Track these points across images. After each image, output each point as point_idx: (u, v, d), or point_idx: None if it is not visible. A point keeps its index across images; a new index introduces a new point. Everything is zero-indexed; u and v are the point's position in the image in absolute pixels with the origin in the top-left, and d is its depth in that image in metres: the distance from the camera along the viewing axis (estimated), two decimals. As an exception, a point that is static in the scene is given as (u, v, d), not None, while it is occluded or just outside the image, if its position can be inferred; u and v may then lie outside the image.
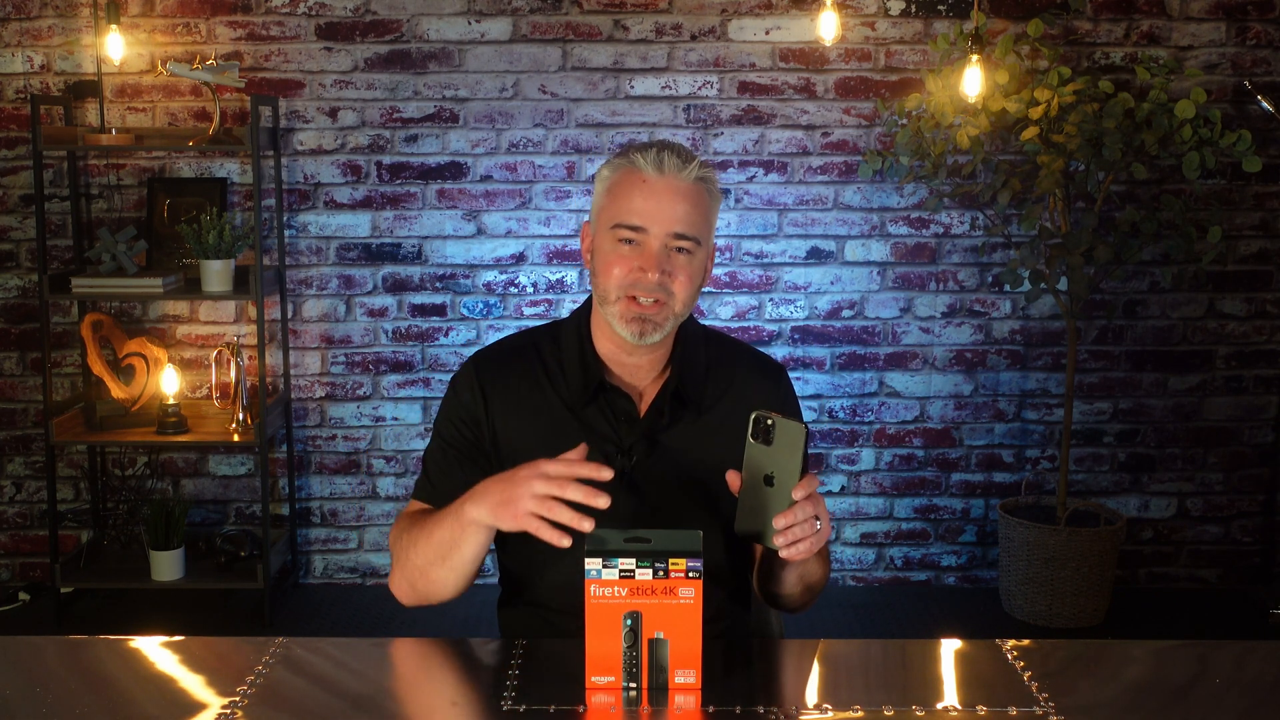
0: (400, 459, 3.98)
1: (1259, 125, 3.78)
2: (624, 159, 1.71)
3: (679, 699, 1.43)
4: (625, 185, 1.69)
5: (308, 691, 1.50)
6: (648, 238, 1.67)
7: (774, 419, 1.48)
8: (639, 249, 1.67)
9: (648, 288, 1.66)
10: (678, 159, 1.67)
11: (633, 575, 1.42)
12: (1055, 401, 3.95)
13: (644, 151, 1.68)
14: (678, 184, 1.67)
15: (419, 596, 1.71)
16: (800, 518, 1.48)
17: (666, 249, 1.67)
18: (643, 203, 1.66)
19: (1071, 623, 3.67)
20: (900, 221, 3.87)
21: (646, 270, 1.66)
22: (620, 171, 1.70)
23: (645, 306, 1.67)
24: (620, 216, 1.68)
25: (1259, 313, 3.92)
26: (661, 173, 1.67)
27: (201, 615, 3.75)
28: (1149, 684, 1.54)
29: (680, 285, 1.68)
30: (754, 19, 3.77)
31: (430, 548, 1.64)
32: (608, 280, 1.69)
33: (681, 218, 1.67)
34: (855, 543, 4.03)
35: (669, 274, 1.67)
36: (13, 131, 3.81)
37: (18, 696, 1.45)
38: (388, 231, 3.87)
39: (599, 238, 1.72)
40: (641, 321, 1.67)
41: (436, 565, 1.64)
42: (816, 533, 1.50)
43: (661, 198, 1.66)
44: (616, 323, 1.69)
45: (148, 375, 3.75)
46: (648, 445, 1.73)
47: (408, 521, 1.73)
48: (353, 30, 3.76)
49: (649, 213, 1.66)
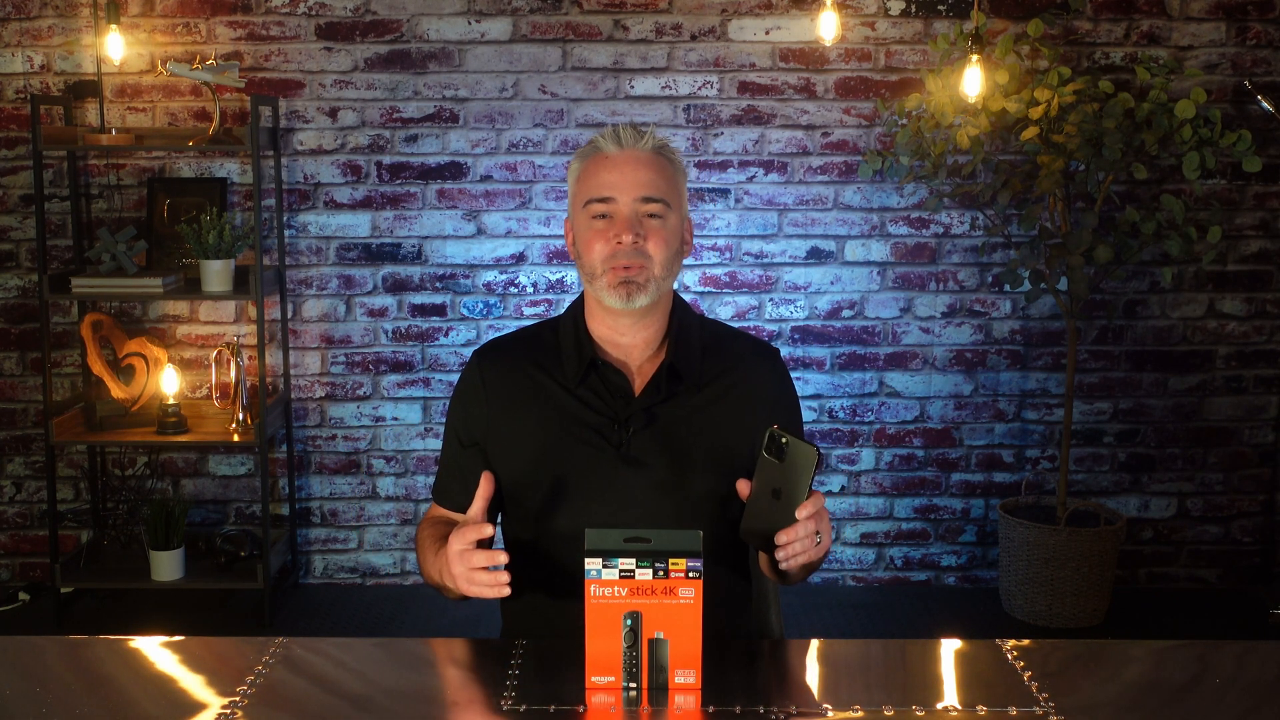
0: (400, 459, 3.98)
1: (1259, 125, 3.78)
2: (587, 148, 1.82)
3: (679, 699, 1.43)
4: (591, 167, 1.79)
5: (308, 691, 1.50)
6: (617, 206, 1.76)
7: (788, 438, 1.53)
8: (612, 221, 1.76)
9: (626, 254, 1.74)
10: (634, 132, 1.78)
11: (633, 575, 1.42)
12: (1055, 401, 3.95)
13: (602, 133, 1.80)
14: (638, 154, 1.77)
15: None
16: (801, 534, 1.54)
17: (637, 215, 1.75)
18: (608, 175, 1.77)
19: (1071, 623, 3.67)
20: (900, 221, 3.87)
21: (621, 234, 1.74)
22: (585, 159, 1.81)
23: (627, 269, 1.74)
24: (590, 192, 1.77)
25: (1259, 313, 3.92)
26: (621, 146, 1.78)
27: (201, 615, 3.75)
28: (1149, 684, 1.54)
29: (655, 247, 1.75)
30: (754, 19, 3.77)
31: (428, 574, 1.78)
32: (591, 258, 1.77)
33: (645, 182, 1.76)
34: (855, 543, 4.03)
35: (642, 236, 1.75)
36: (13, 131, 3.81)
37: (18, 696, 1.45)
38: (388, 231, 3.87)
39: (577, 223, 1.81)
40: (627, 285, 1.74)
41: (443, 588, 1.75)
42: (817, 545, 1.57)
43: (624, 168, 1.76)
44: (606, 294, 1.76)
45: (148, 375, 3.75)
46: (644, 419, 1.77)
47: (422, 535, 1.84)
48: (353, 30, 3.76)
49: (614, 183, 1.76)
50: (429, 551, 1.77)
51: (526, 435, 1.79)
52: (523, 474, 1.79)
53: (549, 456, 1.75)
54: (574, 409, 1.78)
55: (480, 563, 1.59)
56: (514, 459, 1.80)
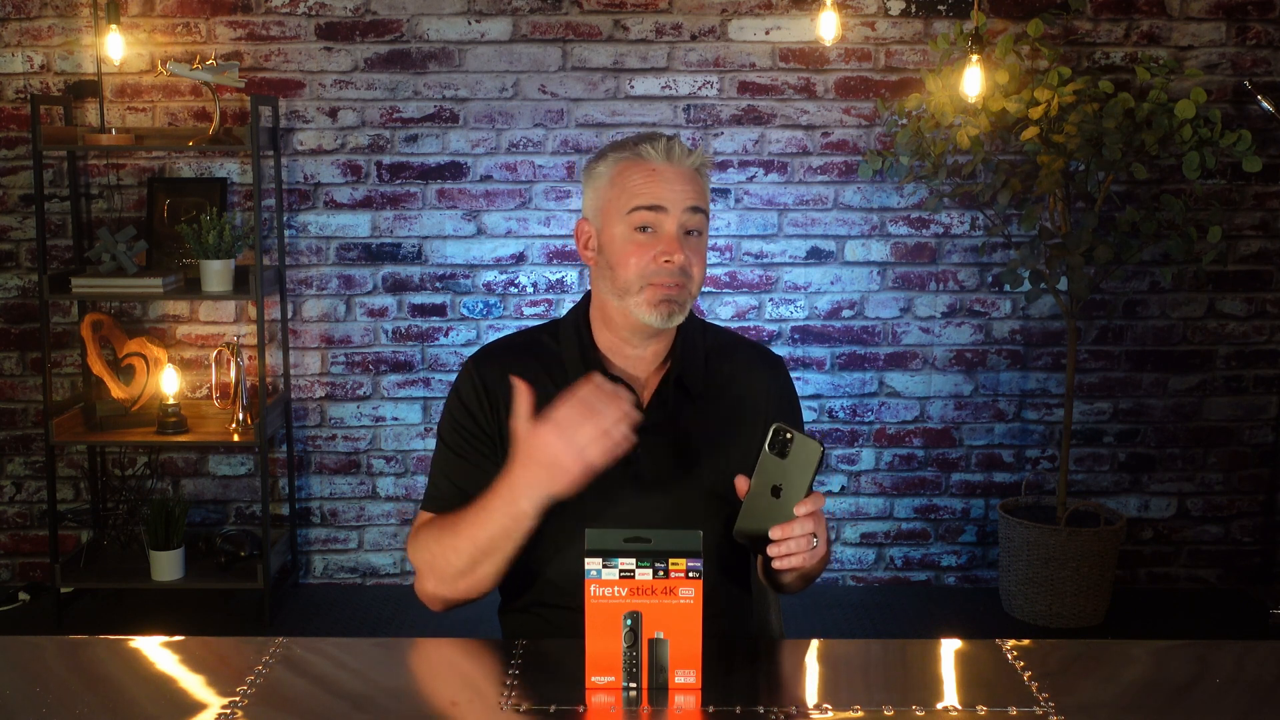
0: (400, 459, 3.98)
1: (1259, 125, 3.78)
2: (625, 151, 1.73)
3: (679, 699, 1.43)
4: (634, 174, 1.71)
5: (308, 691, 1.50)
6: (665, 218, 1.70)
7: (793, 434, 1.51)
8: (655, 236, 1.70)
9: (671, 273, 1.69)
10: (683, 146, 1.73)
11: (633, 575, 1.42)
12: (1055, 401, 3.95)
13: (651, 142, 1.72)
14: (684, 170, 1.72)
15: (454, 601, 1.74)
16: (797, 533, 1.52)
17: (682, 230, 1.71)
18: (657, 187, 1.70)
19: (1071, 623, 3.67)
20: (900, 221, 3.87)
21: (671, 253, 1.69)
22: (623, 163, 1.73)
23: (670, 289, 1.69)
24: (636, 199, 1.70)
25: (1259, 313, 3.92)
26: (670, 160, 1.71)
27: (201, 615, 3.75)
28: (1149, 684, 1.54)
29: (696, 266, 1.72)
30: (754, 19, 3.77)
31: (475, 548, 1.65)
32: (626, 271, 1.70)
33: (694, 192, 1.72)
34: (855, 543, 4.03)
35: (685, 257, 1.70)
36: (13, 131, 3.81)
37: (18, 696, 1.45)
38: (388, 231, 3.87)
39: (611, 230, 1.73)
40: (669, 304, 1.70)
41: (484, 562, 1.66)
42: (812, 549, 1.54)
43: (674, 181, 1.71)
44: (642, 311, 1.70)
45: (148, 375, 3.75)
46: (652, 432, 1.74)
47: (434, 531, 1.72)
48: (353, 30, 3.76)
49: (664, 195, 1.70)
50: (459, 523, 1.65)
51: None
52: None
53: None
54: None
55: (620, 424, 1.53)
56: None
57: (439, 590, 1.72)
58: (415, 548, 1.75)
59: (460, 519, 1.67)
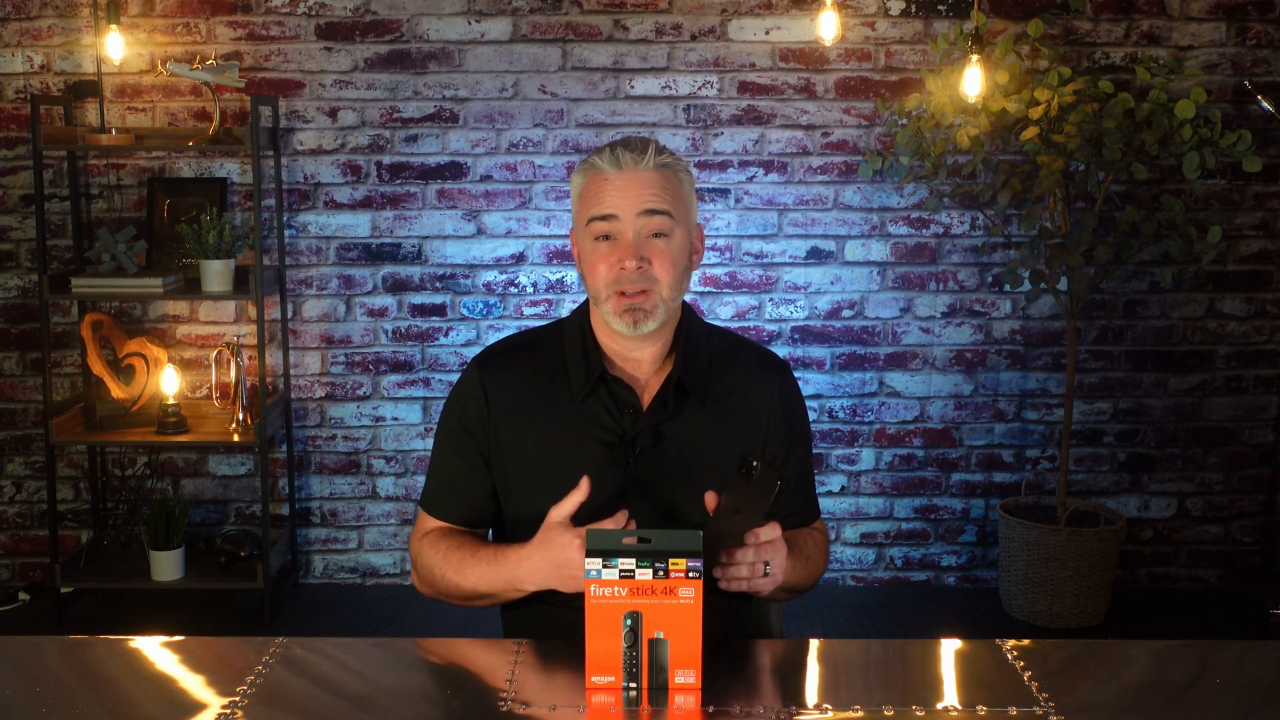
0: (400, 459, 3.98)
1: (1259, 125, 3.78)
2: (586, 163, 1.76)
3: (679, 699, 1.43)
4: (592, 187, 1.73)
5: (308, 691, 1.50)
6: (621, 225, 1.70)
7: (758, 464, 1.57)
8: (614, 244, 1.71)
9: (630, 279, 1.70)
10: (632, 152, 1.71)
11: (633, 575, 1.42)
12: (1055, 401, 3.95)
13: (600, 153, 1.74)
14: (639, 174, 1.71)
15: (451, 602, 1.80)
16: (743, 559, 1.58)
17: (640, 236, 1.70)
18: (609, 196, 1.71)
19: (1071, 623, 3.67)
20: (900, 221, 3.87)
21: (624, 260, 1.69)
22: (585, 176, 1.75)
23: (633, 297, 1.70)
24: (590, 209, 1.72)
25: (1259, 313, 3.92)
26: (620, 168, 1.71)
27: (201, 615, 3.75)
28: (1149, 684, 1.54)
29: (662, 269, 1.71)
30: (754, 19, 3.77)
31: (475, 592, 1.74)
32: (595, 280, 1.73)
33: (648, 195, 1.70)
34: (855, 543, 4.03)
35: (647, 260, 1.70)
36: (13, 131, 3.81)
37: (18, 696, 1.45)
38: (388, 231, 3.87)
39: (580, 241, 1.77)
40: (633, 312, 1.70)
41: (480, 602, 1.75)
42: (765, 577, 1.59)
43: (625, 188, 1.70)
44: (612, 319, 1.72)
45: (148, 375, 3.75)
46: (652, 436, 1.74)
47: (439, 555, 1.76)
48: (353, 30, 3.76)
49: (615, 201, 1.70)
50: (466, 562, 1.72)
51: (530, 451, 1.75)
52: (525, 492, 1.76)
53: (554, 476, 1.69)
54: (580, 425, 1.74)
55: None
56: (516, 475, 1.77)
57: (436, 592, 1.80)
58: (420, 556, 1.80)
59: (467, 562, 1.73)
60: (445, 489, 1.82)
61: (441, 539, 1.78)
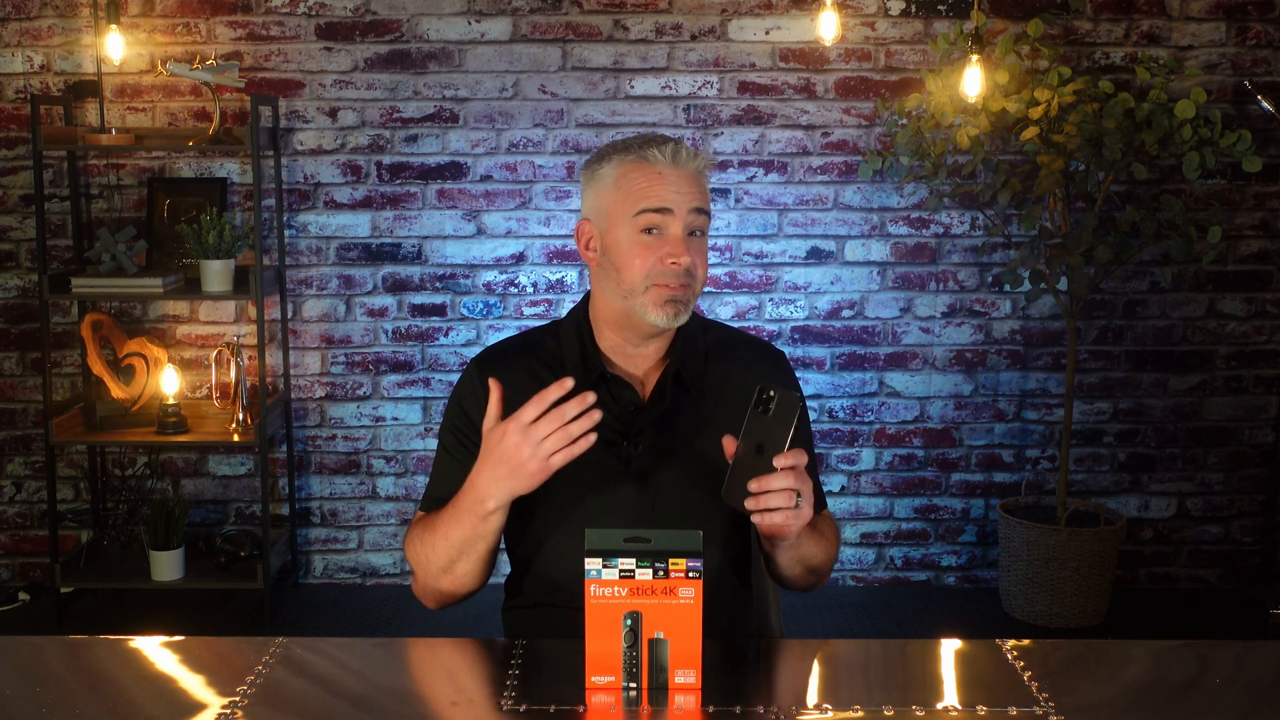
0: (400, 459, 3.98)
1: (1259, 125, 3.78)
2: (630, 154, 1.74)
3: (679, 699, 1.43)
4: (639, 177, 1.73)
5: (308, 691, 1.50)
6: (671, 220, 1.71)
7: (776, 391, 1.53)
8: (661, 237, 1.72)
9: (677, 274, 1.71)
10: (689, 152, 1.76)
11: (633, 575, 1.42)
12: (1055, 401, 3.95)
13: (658, 145, 1.74)
14: (690, 171, 1.75)
15: (445, 596, 1.76)
16: (775, 486, 1.52)
17: (687, 232, 1.73)
18: (664, 190, 1.72)
19: (1071, 623, 3.67)
20: (900, 221, 3.87)
21: (677, 256, 1.71)
22: (628, 165, 1.74)
23: (675, 289, 1.71)
24: (643, 201, 1.72)
25: (1259, 313, 3.92)
26: (676, 164, 1.73)
27: (201, 615, 3.75)
28: (1149, 684, 1.54)
29: (700, 266, 1.74)
30: (754, 19, 3.77)
31: (450, 547, 1.68)
32: (632, 273, 1.72)
33: (697, 193, 1.74)
34: (855, 543, 4.03)
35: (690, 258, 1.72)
36: (13, 131, 3.81)
37: (18, 696, 1.45)
38: (388, 231, 3.87)
39: (616, 232, 1.74)
40: (675, 304, 1.71)
41: (460, 560, 1.69)
42: (796, 509, 1.54)
43: (679, 184, 1.73)
44: (648, 311, 1.72)
45: (148, 375, 3.75)
46: (653, 434, 1.75)
47: (420, 530, 1.75)
48: (353, 30, 3.76)
49: (670, 197, 1.72)
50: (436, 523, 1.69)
51: None
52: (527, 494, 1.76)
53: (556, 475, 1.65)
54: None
55: (576, 428, 1.53)
56: None
57: (427, 585, 1.75)
58: (407, 548, 1.78)
59: (438, 518, 1.70)
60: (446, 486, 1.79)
61: (422, 522, 1.76)
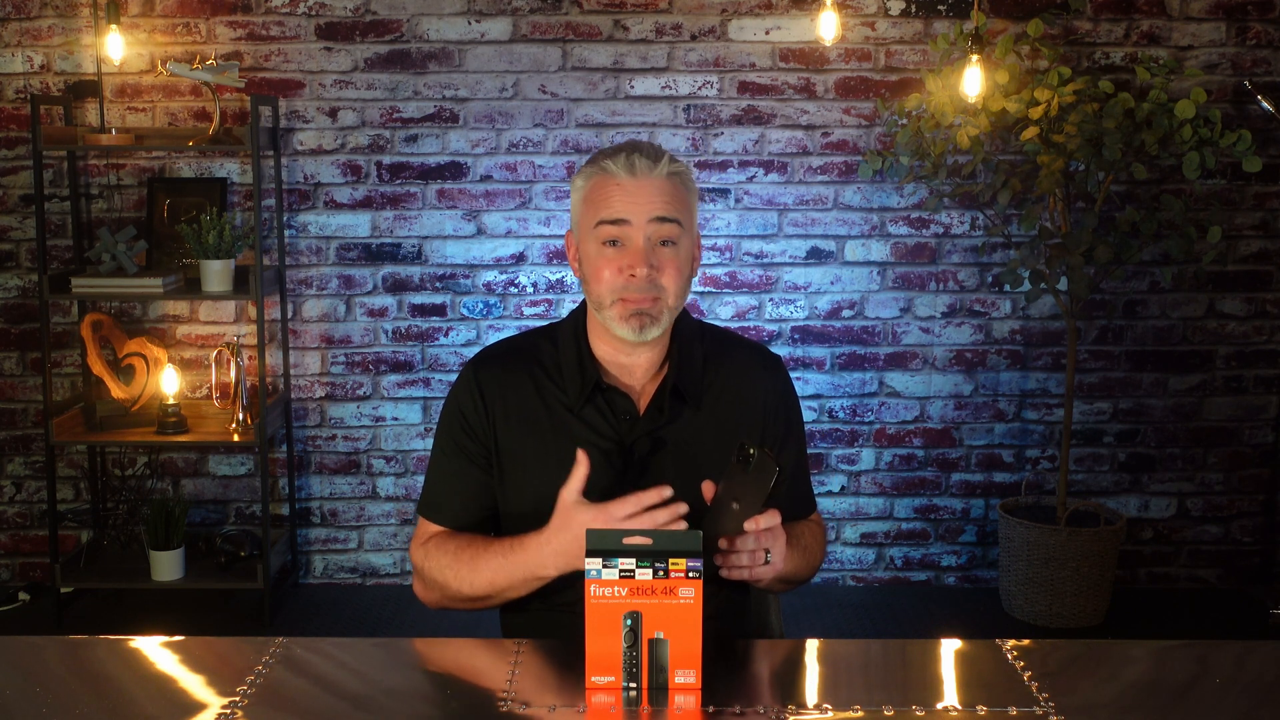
0: (400, 459, 3.98)
1: (1259, 125, 3.78)
2: (594, 166, 1.74)
3: (679, 699, 1.43)
4: (600, 190, 1.72)
5: (308, 691, 1.50)
6: (631, 230, 1.69)
7: (755, 451, 1.55)
8: (623, 249, 1.70)
9: (639, 287, 1.69)
10: (647, 159, 1.71)
11: (633, 575, 1.42)
12: (1055, 401, 3.95)
13: (613, 156, 1.72)
14: (651, 181, 1.70)
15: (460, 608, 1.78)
16: (743, 548, 1.57)
17: (651, 243, 1.70)
18: (621, 201, 1.70)
19: (1071, 623, 3.67)
20: (900, 221, 3.87)
21: (634, 267, 1.68)
22: (594, 179, 1.73)
23: (640, 301, 1.69)
24: (600, 213, 1.70)
25: (1259, 313, 3.92)
26: (634, 175, 1.70)
27: (201, 615, 3.75)
28: (1149, 684, 1.54)
29: (669, 278, 1.71)
30: (754, 19, 3.77)
31: (491, 589, 1.70)
32: (599, 286, 1.71)
33: (660, 202, 1.70)
34: (855, 543, 4.03)
35: (656, 268, 1.70)
36: (13, 131, 3.81)
37: (18, 696, 1.45)
38: (388, 231, 3.87)
39: (584, 244, 1.75)
40: (640, 316, 1.70)
41: (495, 599, 1.72)
42: (765, 565, 1.59)
43: (637, 194, 1.70)
44: (615, 325, 1.71)
45: (148, 375, 3.75)
46: (649, 442, 1.74)
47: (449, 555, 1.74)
48: (353, 30, 3.76)
49: (627, 206, 1.69)
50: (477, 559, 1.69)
51: (527, 458, 1.75)
52: (523, 500, 1.75)
53: (552, 483, 1.65)
54: (577, 432, 1.73)
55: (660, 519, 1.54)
56: (514, 482, 1.77)
57: (441, 602, 1.77)
58: (426, 561, 1.77)
59: (481, 557, 1.70)
60: (447, 493, 1.80)
61: (448, 540, 1.76)
